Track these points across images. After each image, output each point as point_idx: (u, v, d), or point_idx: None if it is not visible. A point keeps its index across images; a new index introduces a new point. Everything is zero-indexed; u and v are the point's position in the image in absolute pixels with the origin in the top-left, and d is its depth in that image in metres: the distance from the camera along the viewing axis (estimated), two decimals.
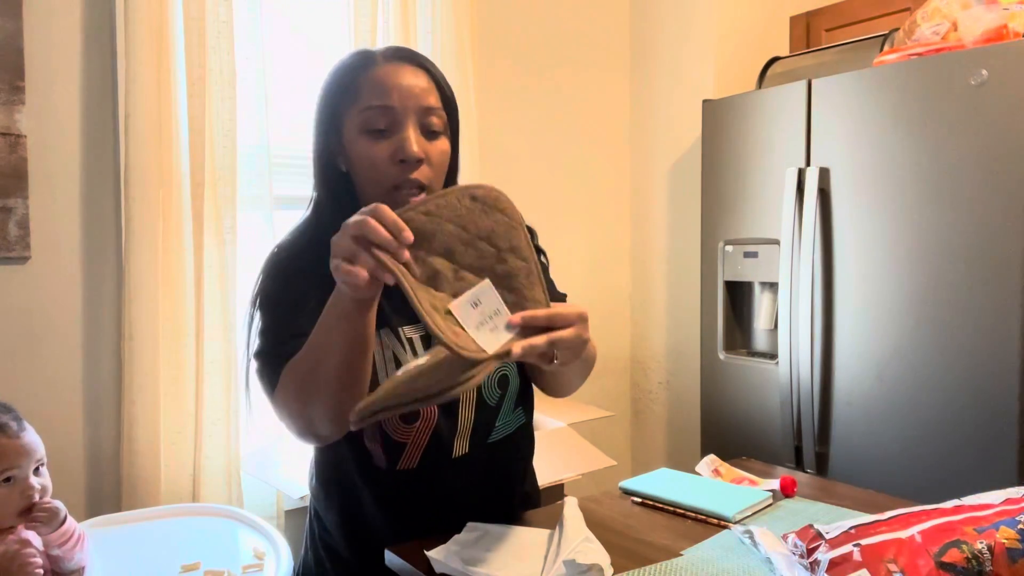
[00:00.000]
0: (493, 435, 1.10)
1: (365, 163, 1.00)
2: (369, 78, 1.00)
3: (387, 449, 1.03)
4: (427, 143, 1.00)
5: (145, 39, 1.74)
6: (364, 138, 1.00)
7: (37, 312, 1.76)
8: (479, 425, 1.07)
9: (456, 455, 1.06)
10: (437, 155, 1.02)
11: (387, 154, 0.98)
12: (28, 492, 1.20)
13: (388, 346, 1.03)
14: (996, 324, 1.74)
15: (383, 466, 1.04)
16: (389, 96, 0.99)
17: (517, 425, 1.14)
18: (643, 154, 2.84)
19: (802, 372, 2.10)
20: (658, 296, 2.81)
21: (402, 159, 0.98)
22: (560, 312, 0.82)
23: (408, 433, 1.03)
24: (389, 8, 2.14)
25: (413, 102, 0.99)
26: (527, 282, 0.82)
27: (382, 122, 0.99)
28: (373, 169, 0.99)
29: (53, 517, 1.23)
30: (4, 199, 1.70)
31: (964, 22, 1.87)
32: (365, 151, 1.00)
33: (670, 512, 1.13)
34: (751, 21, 2.62)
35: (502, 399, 1.10)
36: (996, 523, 0.80)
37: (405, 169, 0.98)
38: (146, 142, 1.76)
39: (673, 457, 2.77)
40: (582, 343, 0.84)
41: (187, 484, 1.85)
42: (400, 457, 1.04)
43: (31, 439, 1.24)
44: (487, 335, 0.77)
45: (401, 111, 0.99)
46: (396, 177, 0.98)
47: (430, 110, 1.01)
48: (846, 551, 0.83)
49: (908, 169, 1.88)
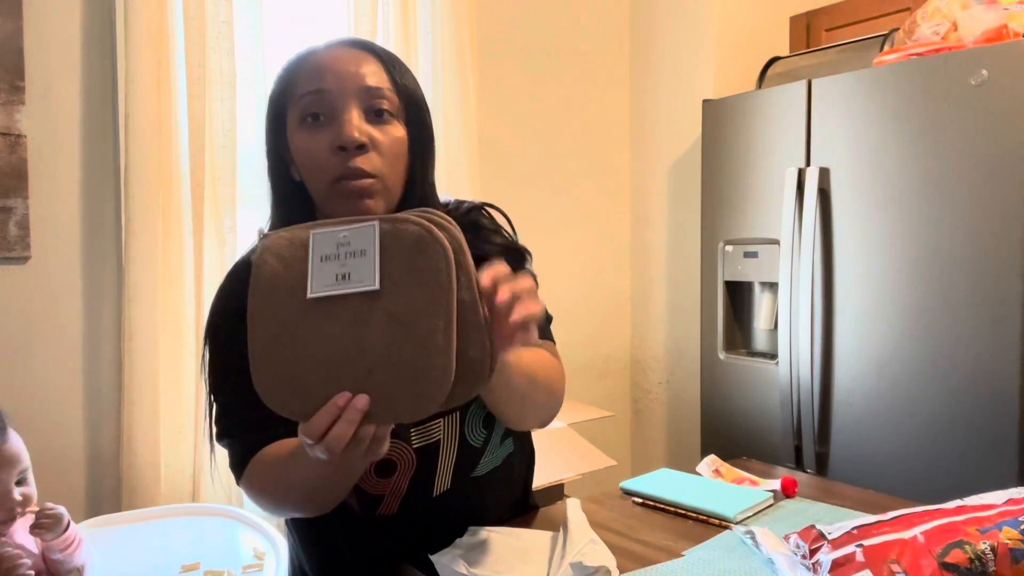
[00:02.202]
0: (477, 471, 1.01)
1: (305, 158, 0.88)
2: (303, 68, 0.89)
3: (363, 500, 0.96)
4: (372, 128, 0.87)
5: (145, 39, 1.74)
6: (301, 130, 0.88)
7: (37, 312, 1.76)
8: (462, 461, 0.99)
9: (437, 493, 0.98)
10: (387, 141, 0.88)
11: (325, 143, 0.86)
12: (8, 504, 1.17)
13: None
14: (996, 323, 1.74)
15: (360, 514, 0.97)
16: (323, 79, 0.86)
17: (506, 454, 1.05)
18: (643, 154, 2.84)
19: (802, 372, 2.10)
20: (658, 296, 2.81)
21: (340, 145, 0.85)
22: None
23: (385, 485, 0.95)
24: (389, 8, 2.14)
25: (352, 82, 0.86)
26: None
27: (317, 108, 0.86)
28: (312, 162, 0.87)
29: (57, 523, 1.22)
30: (4, 199, 1.70)
31: (964, 22, 1.87)
32: (303, 144, 0.87)
33: (671, 513, 1.13)
34: (751, 21, 2.62)
35: (488, 439, 1.02)
36: (999, 523, 0.80)
37: (345, 157, 0.85)
38: (146, 142, 1.75)
39: (673, 457, 2.77)
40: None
41: (187, 484, 1.85)
42: (378, 507, 0.97)
43: (14, 449, 1.20)
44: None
45: (338, 93, 0.86)
46: (337, 167, 0.85)
47: (374, 91, 0.87)
48: (849, 552, 0.82)
49: (908, 169, 1.88)
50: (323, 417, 0.65)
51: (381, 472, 0.95)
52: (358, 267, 0.65)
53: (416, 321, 0.64)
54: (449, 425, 0.97)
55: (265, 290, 0.67)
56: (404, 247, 0.65)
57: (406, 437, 0.95)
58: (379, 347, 0.64)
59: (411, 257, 0.65)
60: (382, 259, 0.65)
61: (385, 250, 0.65)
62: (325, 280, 0.65)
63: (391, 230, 0.66)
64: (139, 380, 1.78)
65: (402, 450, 0.95)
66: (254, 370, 0.67)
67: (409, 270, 0.65)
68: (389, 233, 0.66)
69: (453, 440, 0.98)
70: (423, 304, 0.64)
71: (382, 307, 0.64)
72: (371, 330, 0.64)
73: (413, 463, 0.96)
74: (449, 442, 0.98)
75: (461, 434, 0.99)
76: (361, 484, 0.94)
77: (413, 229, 0.66)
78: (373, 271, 0.65)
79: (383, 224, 0.66)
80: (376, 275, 0.65)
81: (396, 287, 0.65)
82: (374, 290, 0.65)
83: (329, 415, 0.65)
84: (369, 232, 0.65)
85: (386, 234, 0.66)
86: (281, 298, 0.66)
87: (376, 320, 0.64)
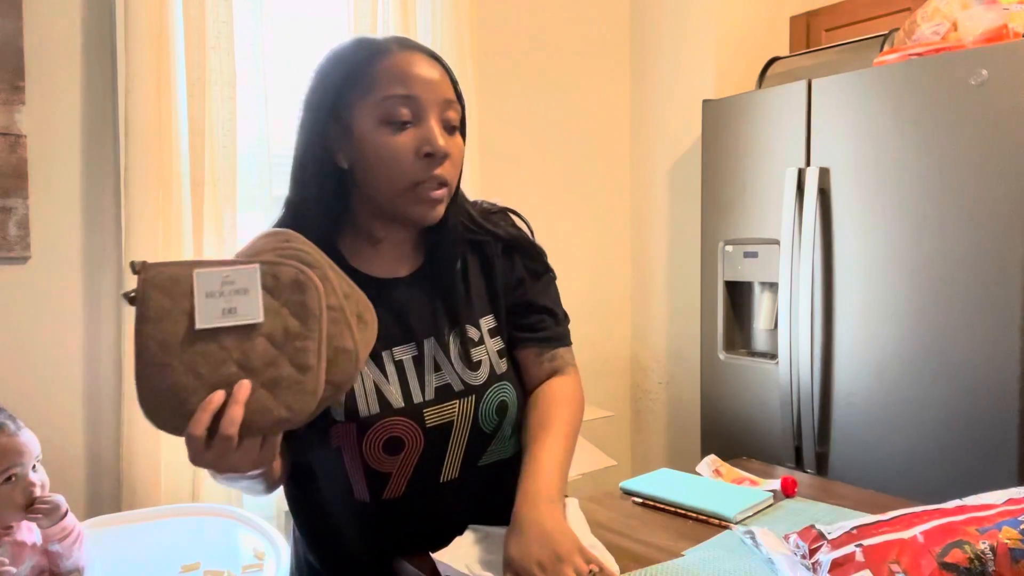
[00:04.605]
0: (484, 459, 1.03)
1: (385, 156, 0.92)
2: (385, 67, 0.93)
3: (370, 481, 0.97)
4: (448, 138, 0.95)
5: (145, 39, 1.74)
6: (384, 130, 0.92)
7: (37, 312, 1.76)
8: (472, 449, 1.01)
9: (444, 479, 1.00)
10: (457, 152, 0.96)
11: (411, 147, 0.92)
12: (29, 489, 1.21)
13: (369, 376, 0.96)
14: (996, 323, 1.74)
15: (367, 499, 0.98)
16: (412, 85, 0.92)
17: (513, 452, 1.06)
18: (643, 154, 2.84)
19: (802, 372, 2.10)
20: (658, 296, 2.81)
21: (429, 152, 0.92)
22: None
23: (392, 463, 0.97)
24: (389, 8, 2.14)
25: (435, 94, 0.93)
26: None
27: (405, 113, 0.92)
28: (395, 163, 0.92)
29: (54, 511, 1.24)
30: (4, 199, 1.70)
31: (964, 22, 1.87)
32: (385, 143, 0.92)
33: (671, 512, 1.13)
34: (751, 21, 2.62)
35: (499, 426, 1.03)
36: (999, 523, 0.80)
37: (431, 164, 0.92)
38: (146, 142, 1.76)
39: (673, 457, 2.77)
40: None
41: (187, 484, 1.85)
42: (384, 488, 0.98)
43: (28, 437, 1.25)
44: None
45: (424, 102, 0.92)
46: (420, 172, 0.92)
47: (450, 103, 0.95)
48: (848, 552, 0.82)
49: (908, 169, 1.88)
50: (203, 415, 0.72)
51: (388, 449, 0.96)
52: (243, 303, 0.75)
53: (292, 343, 0.75)
54: (464, 407, 0.99)
55: (153, 319, 0.74)
56: (283, 285, 0.76)
57: (420, 416, 0.97)
58: (258, 367, 0.74)
59: (289, 293, 0.76)
60: (264, 295, 0.76)
61: (266, 288, 0.76)
62: (212, 314, 0.74)
63: (270, 271, 0.76)
64: None
65: (411, 428, 0.96)
66: (140, 393, 0.75)
67: (286, 304, 0.76)
68: (268, 274, 0.76)
69: (466, 423, 1.00)
70: (298, 330, 0.75)
71: (263, 334, 0.75)
72: (252, 353, 0.74)
73: (421, 442, 0.97)
74: (462, 424, 0.99)
75: (475, 417, 1.00)
76: (369, 461, 0.95)
77: (289, 271, 0.77)
78: (257, 306, 0.75)
79: (263, 266, 0.76)
80: (260, 310, 0.75)
81: (275, 318, 0.75)
82: (258, 323, 0.75)
83: (208, 412, 0.72)
84: (253, 274, 0.75)
85: (266, 274, 0.76)
86: (168, 328, 0.74)
87: (257, 345, 0.74)
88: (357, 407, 0.94)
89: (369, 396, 0.95)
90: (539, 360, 1.07)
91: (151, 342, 0.74)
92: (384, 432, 0.95)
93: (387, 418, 0.95)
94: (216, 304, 0.74)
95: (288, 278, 0.76)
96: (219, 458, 0.73)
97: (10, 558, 1.21)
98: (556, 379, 1.07)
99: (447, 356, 1.00)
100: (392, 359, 0.98)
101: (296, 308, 0.76)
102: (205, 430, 0.72)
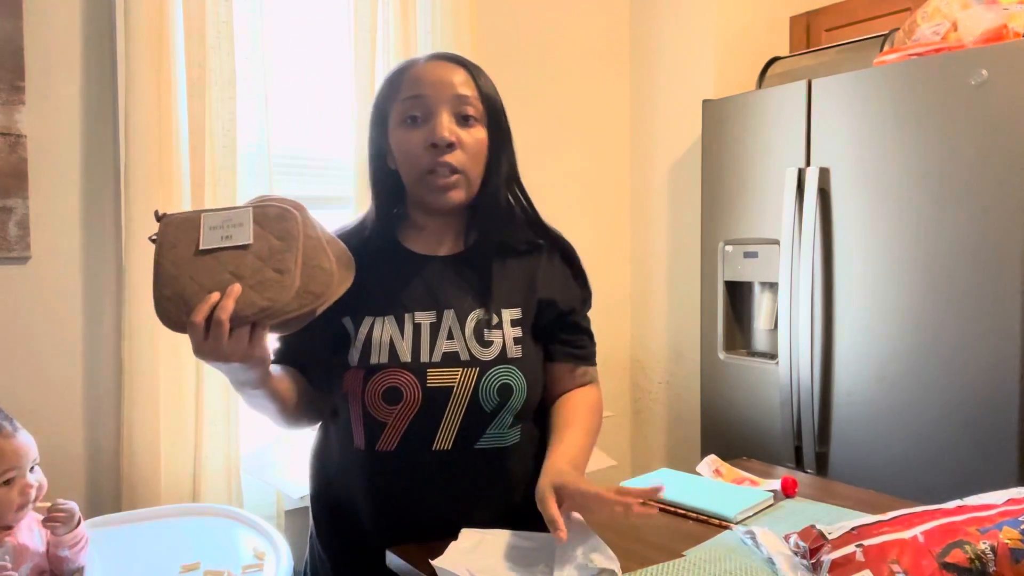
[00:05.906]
0: (481, 442, 1.05)
1: (403, 151, 1.07)
2: (409, 75, 1.07)
3: (367, 428, 1.05)
4: (460, 129, 1.05)
5: (145, 39, 1.74)
6: (401, 128, 1.07)
7: (37, 312, 1.76)
8: (468, 425, 1.04)
9: (437, 448, 1.04)
10: (471, 141, 1.06)
11: (420, 140, 1.04)
12: (26, 491, 1.21)
13: (387, 331, 1.05)
14: (996, 323, 1.75)
15: (362, 446, 1.06)
16: (422, 86, 1.05)
17: (511, 442, 1.08)
18: (643, 154, 2.84)
19: (802, 372, 2.10)
20: (658, 296, 2.81)
21: (432, 143, 1.03)
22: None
23: (389, 413, 1.04)
24: (389, 8, 2.14)
25: (446, 91, 1.05)
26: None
27: (416, 111, 1.05)
28: (409, 156, 1.06)
29: (70, 518, 1.24)
30: (4, 199, 1.70)
31: (964, 22, 1.87)
32: (401, 139, 1.07)
33: (671, 513, 1.13)
34: (751, 21, 2.62)
35: (500, 408, 1.05)
36: (999, 523, 0.80)
37: (437, 153, 1.04)
38: (146, 142, 1.75)
39: (673, 457, 2.77)
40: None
41: (187, 484, 1.85)
42: (379, 438, 1.05)
43: (25, 438, 1.25)
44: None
45: (434, 99, 1.05)
46: (429, 162, 1.04)
47: (463, 98, 1.06)
48: (849, 552, 0.83)
49: (908, 169, 1.89)
50: (203, 306, 0.87)
51: (387, 398, 1.03)
52: (237, 232, 0.92)
53: (275, 256, 0.92)
54: (465, 377, 1.04)
55: (168, 246, 0.93)
56: (270, 218, 0.93)
57: (422, 373, 1.03)
58: (247, 274, 0.91)
59: (274, 223, 0.93)
60: (254, 227, 0.93)
61: (256, 221, 0.93)
62: (213, 240, 0.92)
63: (261, 210, 0.94)
64: (139, 380, 1.78)
65: (411, 383, 1.03)
66: (156, 298, 0.91)
67: (272, 231, 0.93)
68: (259, 212, 0.94)
69: (465, 394, 1.04)
70: (280, 247, 0.92)
71: (252, 252, 0.92)
72: (243, 265, 0.91)
73: (419, 398, 1.03)
74: (461, 394, 1.04)
75: (475, 390, 1.04)
76: (368, 407, 1.05)
77: (275, 209, 0.94)
78: (249, 233, 0.92)
79: (255, 208, 0.94)
80: (250, 235, 0.92)
81: (262, 240, 0.92)
82: (248, 244, 0.92)
83: (207, 304, 0.87)
84: (247, 212, 0.93)
85: (257, 213, 0.94)
86: (179, 251, 0.92)
87: (247, 259, 0.92)
88: (370, 355, 1.04)
89: (383, 348, 1.04)
90: (572, 374, 1.15)
91: (165, 261, 0.91)
92: (386, 381, 1.03)
93: (392, 368, 1.03)
94: (216, 233, 0.92)
95: (274, 213, 0.94)
96: (215, 346, 0.87)
97: (11, 560, 1.21)
98: (583, 389, 1.15)
99: (462, 329, 1.06)
100: (412, 321, 1.06)
101: (279, 232, 0.92)
102: (204, 319, 0.86)
